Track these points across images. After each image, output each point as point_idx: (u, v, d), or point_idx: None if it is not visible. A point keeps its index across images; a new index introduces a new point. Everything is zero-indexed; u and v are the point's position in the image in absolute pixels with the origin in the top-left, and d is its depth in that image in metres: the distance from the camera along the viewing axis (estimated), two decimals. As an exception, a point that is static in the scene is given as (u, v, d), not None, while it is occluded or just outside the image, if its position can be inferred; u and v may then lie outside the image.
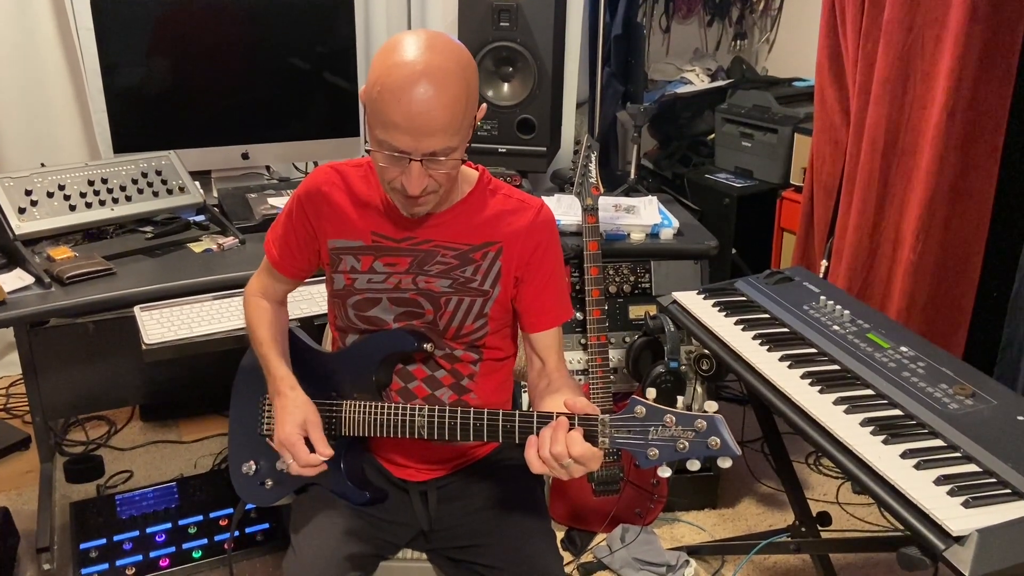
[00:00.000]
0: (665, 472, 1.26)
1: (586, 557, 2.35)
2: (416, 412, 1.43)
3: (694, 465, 1.23)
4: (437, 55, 1.29)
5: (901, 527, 1.36)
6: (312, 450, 1.47)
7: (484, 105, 1.39)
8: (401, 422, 1.44)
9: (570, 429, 1.27)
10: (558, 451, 1.26)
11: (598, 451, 1.27)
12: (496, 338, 1.56)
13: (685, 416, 1.21)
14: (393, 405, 1.46)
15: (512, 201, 1.52)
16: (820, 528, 2.16)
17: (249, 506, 2.35)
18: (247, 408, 1.68)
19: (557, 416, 1.29)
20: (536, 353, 1.56)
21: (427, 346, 1.50)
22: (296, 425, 1.48)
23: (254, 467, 1.64)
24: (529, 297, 1.53)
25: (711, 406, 1.21)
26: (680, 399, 1.25)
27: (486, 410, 1.37)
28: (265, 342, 1.59)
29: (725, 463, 1.20)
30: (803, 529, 2.15)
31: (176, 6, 2.43)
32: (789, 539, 2.15)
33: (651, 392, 1.25)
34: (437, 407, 1.42)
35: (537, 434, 1.29)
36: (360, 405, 1.49)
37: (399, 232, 1.50)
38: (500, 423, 1.36)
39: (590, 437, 1.26)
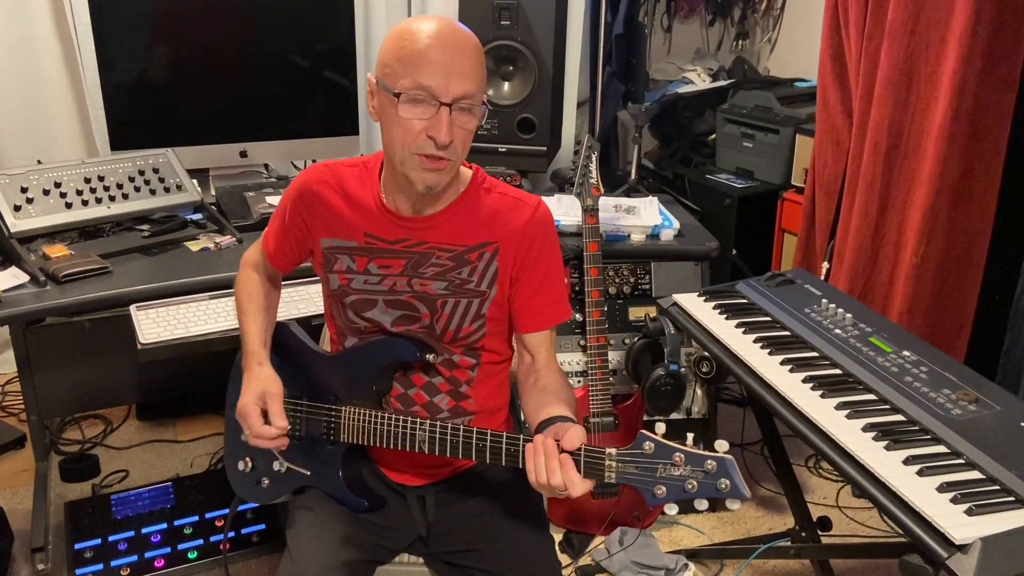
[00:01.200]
0: (672, 510, 1.25)
1: (584, 560, 2.34)
2: (417, 426, 1.41)
3: (702, 504, 1.21)
4: (454, 22, 1.35)
5: (902, 532, 1.34)
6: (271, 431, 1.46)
7: (489, 101, 1.39)
8: (401, 434, 1.43)
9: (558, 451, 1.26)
10: (557, 483, 1.25)
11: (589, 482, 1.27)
12: (494, 340, 1.55)
13: (695, 456, 1.18)
14: (394, 417, 1.44)
15: (508, 199, 1.50)
16: (820, 533, 2.15)
17: (243, 506, 2.34)
18: None
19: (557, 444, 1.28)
20: (526, 349, 1.55)
21: (430, 356, 1.49)
22: (255, 395, 1.47)
23: (250, 464, 1.63)
24: (523, 297, 1.50)
25: (722, 446, 1.18)
26: (690, 436, 1.22)
27: (489, 431, 1.35)
28: (248, 313, 1.60)
29: (734, 505, 1.19)
30: (803, 534, 2.14)
31: (175, 3, 2.41)
32: (789, 544, 2.14)
33: (660, 427, 1.23)
34: (439, 424, 1.40)
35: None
36: (360, 413, 1.48)
37: (393, 234, 1.48)
38: (504, 446, 1.34)
39: (594, 469, 1.25)
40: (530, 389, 1.50)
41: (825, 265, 2.74)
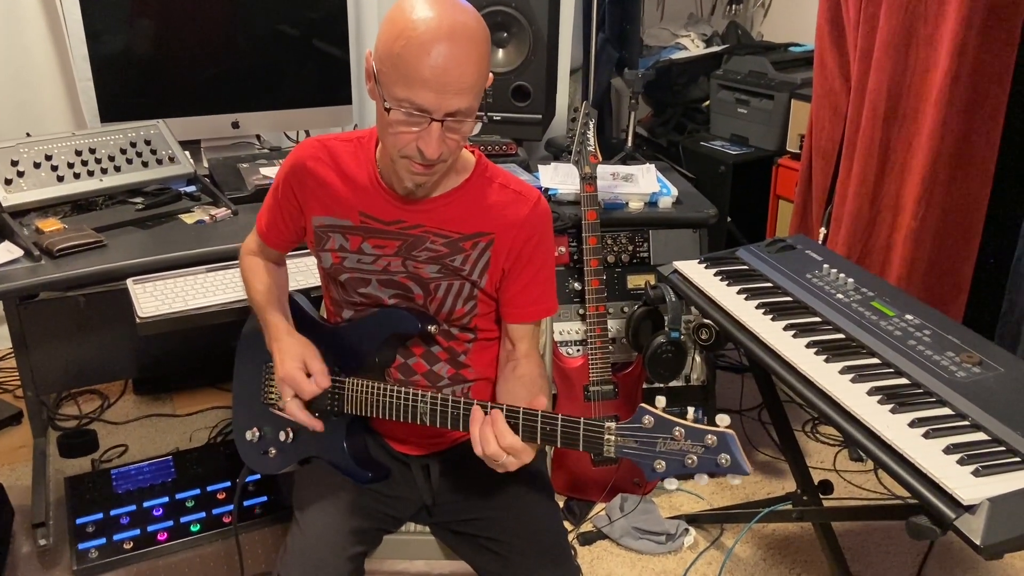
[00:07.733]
0: (671, 485, 1.24)
1: (585, 527, 2.35)
2: (419, 398, 1.40)
3: (702, 479, 1.20)
4: (460, 13, 1.25)
5: (904, 493, 1.35)
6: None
7: (491, 74, 1.34)
8: (403, 406, 1.42)
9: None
10: (493, 451, 1.28)
11: (526, 445, 1.28)
12: (486, 320, 1.55)
13: (695, 430, 1.17)
14: (395, 389, 1.43)
15: (509, 192, 1.48)
16: (822, 496, 2.16)
17: (249, 478, 2.34)
18: (250, 375, 1.66)
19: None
20: (508, 337, 1.55)
21: (431, 328, 1.48)
22: (296, 359, 1.47)
23: (258, 434, 1.63)
24: (513, 290, 1.50)
25: (723, 420, 1.17)
26: (691, 411, 1.21)
27: (489, 404, 1.34)
28: (260, 293, 1.60)
29: (735, 480, 1.18)
30: (805, 497, 2.15)
31: (162, -30, 2.36)
32: (791, 507, 2.15)
33: (660, 401, 1.22)
34: (439, 396, 1.39)
35: (540, 430, 1.28)
36: (363, 385, 1.47)
37: (389, 214, 1.46)
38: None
39: (592, 442, 1.24)
40: (507, 376, 1.50)
41: (822, 231, 2.74)
